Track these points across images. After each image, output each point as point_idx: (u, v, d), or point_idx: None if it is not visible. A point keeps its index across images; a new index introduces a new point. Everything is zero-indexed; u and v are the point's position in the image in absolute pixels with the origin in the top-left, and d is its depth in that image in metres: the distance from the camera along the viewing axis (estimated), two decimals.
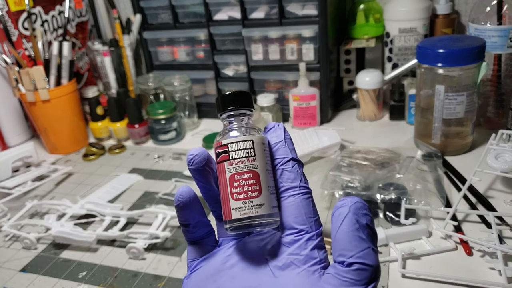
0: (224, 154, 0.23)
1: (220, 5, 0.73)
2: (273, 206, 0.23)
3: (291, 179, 0.23)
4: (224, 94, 0.25)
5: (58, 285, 0.44)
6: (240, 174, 0.23)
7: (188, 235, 0.25)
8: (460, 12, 0.75)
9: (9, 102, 0.79)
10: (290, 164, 0.23)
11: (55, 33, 0.78)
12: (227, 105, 0.24)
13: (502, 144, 0.49)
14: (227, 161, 0.23)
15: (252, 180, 0.23)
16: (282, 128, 0.25)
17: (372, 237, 0.21)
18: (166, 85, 0.77)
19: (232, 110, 0.24)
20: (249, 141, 0.23)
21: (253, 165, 0.23)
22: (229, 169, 0.23)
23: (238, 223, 0.22)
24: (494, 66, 0.61)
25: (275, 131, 0.25)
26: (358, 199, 0.21)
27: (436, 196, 0.49)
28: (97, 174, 0.67)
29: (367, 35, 0.75)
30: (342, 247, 0.21)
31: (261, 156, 0.23)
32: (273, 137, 0.25)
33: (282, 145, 0.24)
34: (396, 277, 0.40)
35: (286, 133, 0.25)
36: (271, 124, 0.25)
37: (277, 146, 0.24)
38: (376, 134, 0.69)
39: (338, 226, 0.21)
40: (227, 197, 0.23)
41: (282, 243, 0.23)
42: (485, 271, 0.39)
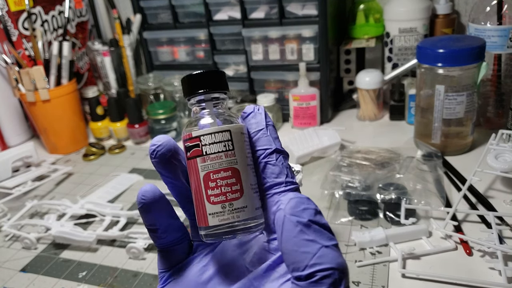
0: (196, 148, 0.19)
1: (220, 5, 0.73)
2: (257, 207, 0.19)
3: (275, 173, 0.20)
4: (192, 73, 0.20)
5: (58, 285, 0.44)
6: (217, 172, 0.19)
7: (157, 241, 0.21)
8: (460, 12, 0.75)
9: (9, 102, 0.79)
10: (274, 156, 0.20)
11: (55, 33, 0.78)
12: (196, 87, 0.20)
13: (502, 144, 0.49)
14: (200, 157, 0.19)
15: (232, 178, 0.19)
16: (263, 112, 0.21)
17: (320, 233, 0.17)
18: (166, 85, 0.77)
19: (203, 94, 0.20)
20: (226, 132, 0.19)
21: (231, 160, 0.19)
22: (202, 167, 0.19)
23: (216, 230, 0.19)
24: (494, 66, 0.61)
25: (255, 116, 0.21)
26: (292, 195, 0.17)
27: (436, 196, 0.49)
28: (97, 174, 0.67)
29: (367, 35, 0.75)
30: (293, 260, 0.17)
31: (240, 149, 0.19)
32: (252, 124, 0.20)
33: (264, 133, 0.20)
34: (396, 277, 0.40)
35: (268, 119, 0.21)
36: (249, 108, 0.21)
37: (257, 135, 0.20)
38: (376, 134, 0.69)
39: (280, 236, 0.17)
40: (201, 200, 0.19)
41: (266, 249, 0.19)
42: (485, 271, 0.39)
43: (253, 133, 0.20)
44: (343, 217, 0.48)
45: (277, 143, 0.21)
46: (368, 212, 0.48)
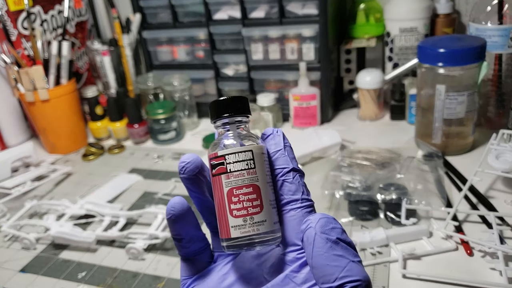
0: (221, 166, 0.21)
1: (220, 4, 0.73)
2: (275, 221, 0.21)
3: (292, 191, 0.21)
4: (218, 99, 0.23)
5: (57, 285, 0.44)
6: (240, 189, 0.21)
7: (181, 250, 0.23)
8: (460, 12, 0.75)
9: (8, 102, 0.78)
10: (291, 175, 0.22)
11: (55, 33, 0.78)
12: (222, 111, 0.22)
13: (503, 144, 0.49)
14: (225, 174, 0.21)
15: (253, 194, 0.21)
16: (281, 134, 0.23)
17: (347, 249, 0.19)
18: (165, 84, 0.77)
19: (227, 117, 0.22)
20: (249, 152, 0.21)
21: (253, 178, 0.21)
22: (226, 183, 0.21)
23: (237, 241, 0.21)
24: (495, 66, 0.61)
25: (274, 138, 0.23)
26: (321, 215, 0.20)
27: (437, 196, 0.49)
28: (96, 174, 0.67)
29: (367, 35, 0.75)
30: (323, 273, 0.19)
31: (261, 168, 0.21)
32: (271, 145, 0.23)
33: (282, 153, 0.22)
34: (397, 277, 0.39)
35: (286, 140, 0.23)
36: (269, 130, 0.23)
37: (276, 155, 0.22)
38: (377, 134, 0.68)
39: (310, 252, 0.19)
40: (224, 213, 0.21)
41: (283, 261, 0.21)
42: (486, 272, 0.39)
43: (272, 153, 0.22)
44: (344, 217, 0.48)
45: (294, 163, 0.22)
46: (369, 212, 0.48)
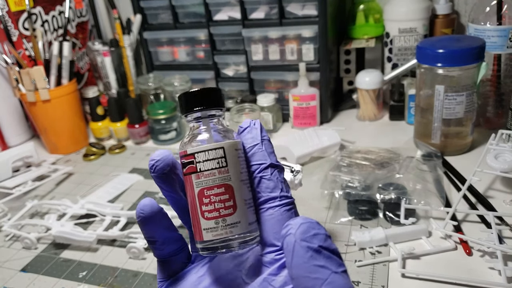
0: (191, 165, 0.20)
1: (220, 5, 0.73)
2: (250, 222, 0.20)
3: (270, 188, 0.20)
4: (189, 91, 0.21)
5: (58, 285, 0.44)
6: (211, 189, 0.19)
7: (156, 252, 0.22)
8: (459, 12, 0.75)
9: (10, 102, 0.79)
10: (269, 171, 0.20)
11: (56, 33, 0.78)
12: (194, 105, 0.20)
13: (502, 144, 0.49)
14: (195, 174, 0.19)
15: (225, 195, 0.19)
16: (259, 127, 0.21)
17: (330, 259, 0.17)
18: (166, 85, 0.77)
19: (199, 111, 0.21)
20: (220, 149, 0.19)
21: (225, 177, 0.19)
22: (197, 183, 0.19)
23: (210, 244, 0.19)
24: (494, 66, 0.61)
25: (250, 131, 0.21)
26: (302, 219, 0.18)
27: (436, 196, 0.49)
28: (97, 174, 0.67)
29: (367, 35, 0.75)
30: (303, 285, 0.17)
31: (234, 165, 0.20)
32: (248, 139, 0.21)
33: (259, 148, 0.21)
34: (396, 276, 0.40)
35: (264, 133, 0.21)
36: (246, 122, 0.22)
37: (253, 150, 0.21)
38: (376, 134, 0.69)
39: (290, 261, 0.17)
40: (196, 215, 0.20)
41: (261, 262, 0.20)
42: (485, 271, 0.39)
43: (248, 148, 0.21)
44: (343, 217, 0.48)
45: (272, 158, 0.21)
46: (368, 212, 0.48)
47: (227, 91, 0.80)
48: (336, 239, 0.45)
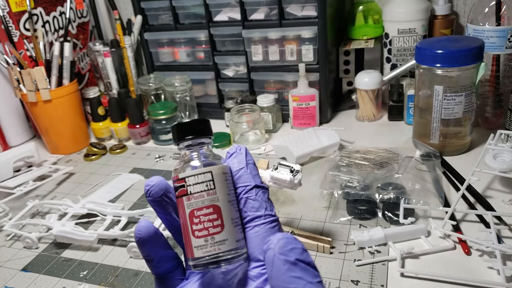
0: (182, 188, 0.22)
1: (220, 6, 0.73)
2: (238, 239, 0.22)
3: (255, 208, 0.22)
4: (181, 122, 0.24)
5: (59, 284, 0.45)
6: (200, 210, 0.21)
7: (153, 269, 0.24)
8: (458, 13, 0.76)
9: (11, 103, 0.79)
10: (253, 192, 0.23)
11: (56, 34, 0.78)
12: (185, 134, 0.23)
13: (501, 144, 0.49)
14: (186, 196, 0.22)
15: (213, 215, 0.21)
16: (244, 152, 0.24)
17: (306, 270, 0.19)
18: (166, 85, 0.77)
19: (190, 140, 0.23)
20: (208, 173, 0.22)
21: (213, 198, 0.22)
22: (188, 205, 0.22)
23: (201, 261, 0.21)
24: (493, 66, 0.62)
25: (237, 156, 0.24)
26: (281, 236, 0.19)
27: (435, 196, 0.49)
28: (98, 174, 0.67)
29: (366, 36, 0.75)
30: None
31: (222, 187, 0.22)
32: (234, 164, 0.23)
33: (245, 171, 0.23)
34: (395, 276, 0.40)
35: (249, 157, 0.24)
36: (233, 148, 0.24)
37: (239, 173, 0.23)
38: (375, 134, 0.69)
39: (270, 273, 0.19)
40: (188, 234, 0.22)
41: (248, 276, 0.22)
42: (484, 270, 0.39)
43: (235, 172, 0.23)
44: (342, 216, 0.49)
45: (257, 180, 0.23)
46: (367, 211, 0.48)
47: (227, 92, 0.80)
48: (336, 238, 0.45)
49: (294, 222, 0.49)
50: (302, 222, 0.49)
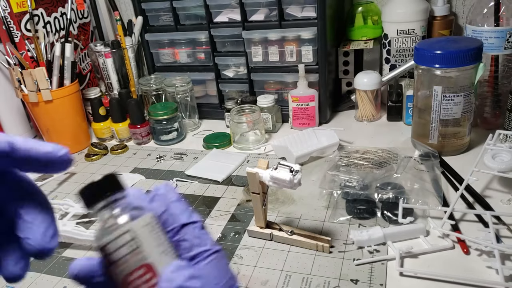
0: (106, 257, 0.20)
1: (220, 7, 0.74)
2: None
3: (187, 249, 0.21)
4: (85, 186, 0.21)
5: (60, 283, 0.45)
6: (131, 274, 0.19)
7: None
8: (457, 14, 0.76)
9: (12, 103, 0.79)
10: (182, 232, 0.21)
11: (58, 35, 0.79)
12: (94, 197, 0.21)
13: (499, 144, 0.50)
14: (112, 265, 0.20)
15: (147, 274, 0.19)
16: (165, 192, 0.22)
17: None
18: (167, 86, 0.78)
19: (101, 201, 0.21)
20: (126, 234, 0.20)
21: (141, 258, 0.20)
22: (118, 272, 0.20)
23: None
24: (491, 67, 0.62)
25: (156, 199, 0.22)
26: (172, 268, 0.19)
27: (434, 196, 0.49)
28: (99, 173, 0.67)
29: (365, 37, 0.76)
30: None
31: (149, 241, 0.20)
32: (157, 208, 0.22)
33: (168, 213, 0.21)
34: (394, 275, 0.40)
35: (171, 195, 0.22)
36: (154, 191, 0.22)
37: (163, 218, 0.21)
38: (374, 134, 0.69)
39: None
40: None
41: None
42: (482, 270, 0.39)
43: (159, 216, 0.21)
44: (342, 216, 0.49)
45: (183, 217, 0.21)
46: (366, 211, 0.48)
47: (228, 92, 0.81)
48: (335, 238, 0.46)
49: (294, 222, 0.49)
50: (302, 222, 0.49)
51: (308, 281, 0.40)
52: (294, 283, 0.40)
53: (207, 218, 0.52)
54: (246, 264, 0.44)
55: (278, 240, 0.46)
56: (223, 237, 0.48)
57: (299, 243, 0.45)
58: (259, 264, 0.43)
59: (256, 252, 0.45)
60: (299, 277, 0.41)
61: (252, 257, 0.45)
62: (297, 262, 0.43)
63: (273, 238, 0.46)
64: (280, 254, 0.44)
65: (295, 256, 0.44)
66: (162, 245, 0.20)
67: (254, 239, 0.47)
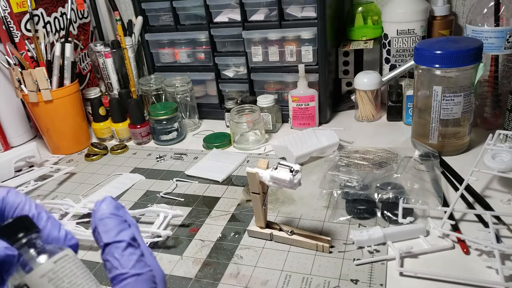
0: None
1: (220, 7, 0.74)
2: None
3: (108, 269, 0.20)
4: None
5: None
6: None
7: None
8: (457, 14, 0.76)
9: (12, 103, 0.79)
10: (106, 251, 0.21)
11: (58, 35, 0.79)
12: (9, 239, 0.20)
13: (499, 144, 0.50)
14: None
15: None
16: (96, 209, 0.21)
17: None
18: (167, 86, 0.78)
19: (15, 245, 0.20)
20: (43, 277, 0.19)
21: None
22: None
23: None
24: (491, 67, 0.62)
25: (92, 216, 0.22)
26: None
27: (434, 196, 0.49)
28: (99, 173, 0.67)
29: (365, 37, 0.76)
30: None
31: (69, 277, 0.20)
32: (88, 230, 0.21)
33: (97, 232, 0.21)
34: (394, 275, 0.40)
35: (104, 211, 0.21)
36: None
37: (95, 235, 0.21)
38: (374, 134, 0.69)
39: None
40: None
41: None
42: (482, 270, 0.39)
43: (93, 233, 0.21)
44: (342, 216, 0.49)
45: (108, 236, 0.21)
46: (366, 211, 0.48)
47: (228, 92, 0.81)
48: (335, 238, 0.46)
49: (294, 222, 0.49)
50: (302, 222, 0.49)
51: (308, 281, 0.40)
52: (294, 283, 0.40)
53: (207, 218, 0.52)
54: (246, 264, 0.44)
55: (278, 240, 0.46)
56: (223, 237, 0.48)
57: (299, 243, 0.45)
58: (259, 264, 0.43)
59: (256, 252, 0.45)
60: (299, 277, 0.41)
61: (252, 257, 0.45)
62: (297, 262, 0.43)
63: (273, 238, 0.46)
64: (280, 254, 0.45)
65: (295, 256, 0.44)
66: (82, 275, 0.20)
67: (254, 239, 0.47)
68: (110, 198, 0.22)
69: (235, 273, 0.43)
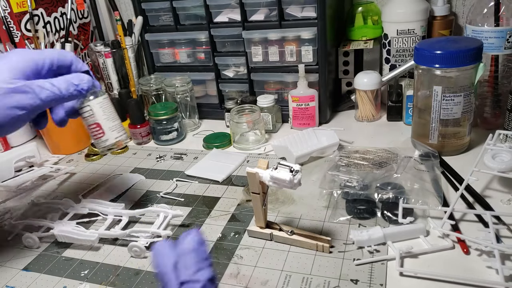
0: (81, 114, 0.47)
1: (220, 7, 0.74)
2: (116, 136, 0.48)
3: None
4: None
5: (60, 283, 0.45)
6: (90, 126, 0.47)
7: None
8: (457, 14, 0.76)
9: None
10: None
11: (58, 35, 0.79)
12: None
13: (499, 144, 0.50)
14: (83, 119, 0.46)
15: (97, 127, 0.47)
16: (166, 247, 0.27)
17: None
18: (167, 86, 0.78)
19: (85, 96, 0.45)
20: (87, 107, 0.47)
21: (94, 119, 0.46)
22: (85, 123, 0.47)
23: None
24: (491, 67, 0.62)
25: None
26: None
27: (434, 196, 0.49)
28: (99, 173, 0.67)
29: (365, 37, 0.76)
30: None
31: (99, 112, 0.47)
32: None
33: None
34: (394, 275, 0.40)
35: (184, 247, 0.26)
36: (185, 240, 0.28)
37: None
38: (374, 134, 0.69)
39: None
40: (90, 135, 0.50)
41: None
42: (482, 270, 0.39)
43: None
44: (342, 216, 0.49)
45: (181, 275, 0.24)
46: (366, 211, 0.48)
47: (228, 92, 0.81)
48: (335, 237, 0.46)
49: (294, 222, 0.49)
50: (302, 222, 0.49)
51: (308, 281, 0.40)
52: (294, 283, 0.40)
53: (207, 218, 0.52)
54: (246, 264, 0.44)
55: (278, 240, 0.46)
56: (223, 237, 0.48)
57: (299, 243, 0.45)
58: (259, 264, 0.43)
59: (256, 252, 0.45)
60: (299, 277, 0.41)
61: (252, 257, 0.45)
62: (297, 262, 0.43)
63: (273, 238, 0.46)
64: (280, 254, 0.45)
65: (295, 256, 0.44)
66: (106, 114, 0.46)
67: (254, 239, 0.47)
68: (196, 231, 0.23)
69: (235, 273, 0.43)
